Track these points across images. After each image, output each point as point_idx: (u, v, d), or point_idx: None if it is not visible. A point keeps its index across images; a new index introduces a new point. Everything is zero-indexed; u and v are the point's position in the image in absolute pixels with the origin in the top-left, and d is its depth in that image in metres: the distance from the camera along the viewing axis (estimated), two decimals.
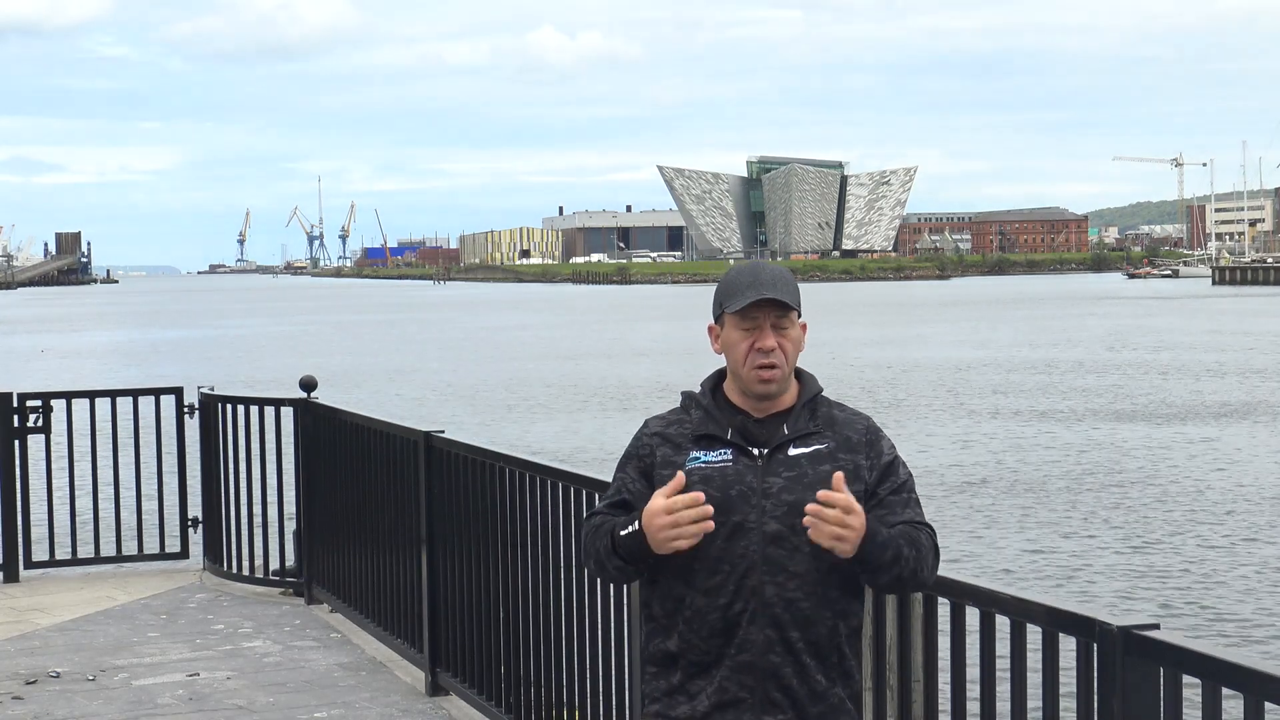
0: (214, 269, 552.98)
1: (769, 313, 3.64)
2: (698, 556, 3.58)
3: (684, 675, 3.64)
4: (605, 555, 3.65)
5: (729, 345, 3.68)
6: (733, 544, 3.57)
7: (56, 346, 69.38)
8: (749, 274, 3.68)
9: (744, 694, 3.58)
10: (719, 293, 3.72)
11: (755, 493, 3.59)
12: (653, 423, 3.77)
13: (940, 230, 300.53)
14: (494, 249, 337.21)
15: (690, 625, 3.62)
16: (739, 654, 3.58)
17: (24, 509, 10.96)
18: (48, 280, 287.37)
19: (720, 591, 3.58)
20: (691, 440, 3.67)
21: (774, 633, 3.57)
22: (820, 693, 3.61)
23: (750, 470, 3.61)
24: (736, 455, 3.62)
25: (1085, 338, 63.15)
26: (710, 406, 3.69)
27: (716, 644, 3.59)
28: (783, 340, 3.65)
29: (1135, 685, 3.54)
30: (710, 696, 3.60)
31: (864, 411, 3.78)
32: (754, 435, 3.64)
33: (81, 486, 11.01)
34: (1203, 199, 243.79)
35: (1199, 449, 27.82)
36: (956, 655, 4.18)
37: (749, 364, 3.64)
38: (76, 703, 7.79)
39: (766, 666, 3.57)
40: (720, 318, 3.71)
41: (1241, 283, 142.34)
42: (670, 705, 3.65)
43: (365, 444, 8.91)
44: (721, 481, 3.59)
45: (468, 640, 7.47)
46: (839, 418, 3.71)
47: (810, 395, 3.71)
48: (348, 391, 38.21)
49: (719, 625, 3.59)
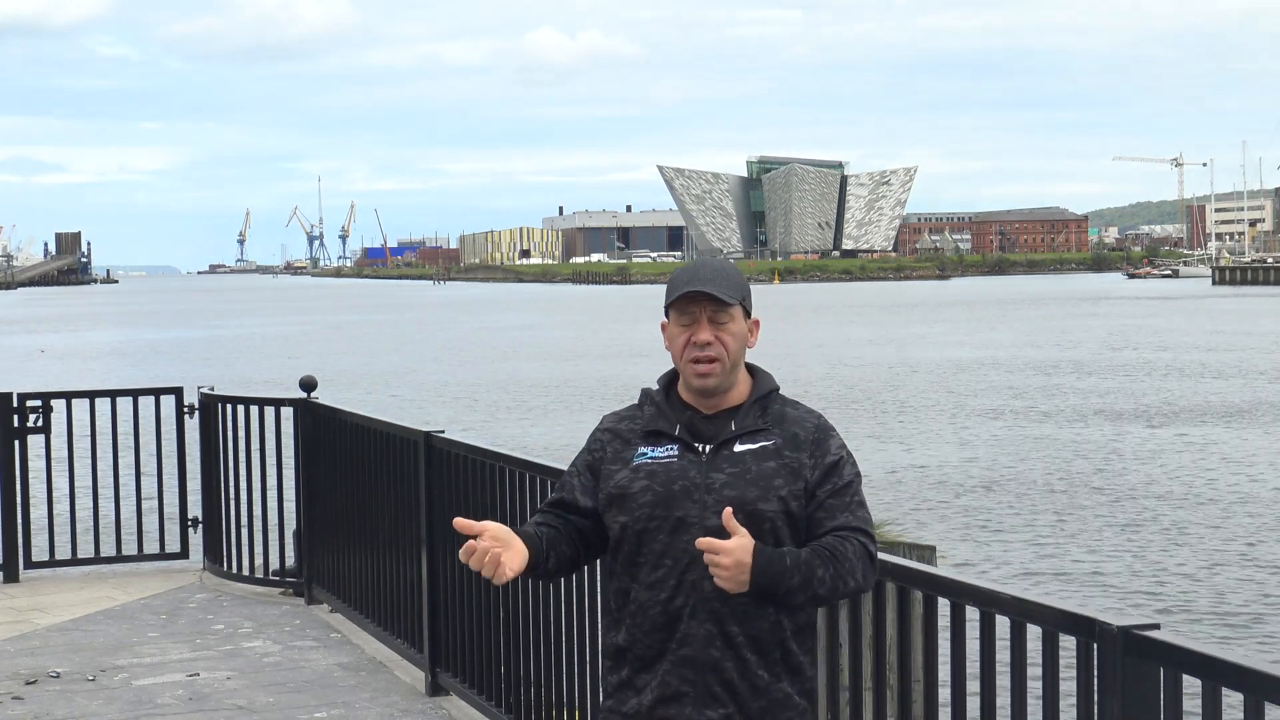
0: (214, 269, 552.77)
1: (704, 306, 3.66)
2: (641, 552, 3.64)
3: (631, 670, 3.68)
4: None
5: (670, 340, 3.73)
6: (675, 539, 3.61)
7: (56, 346, 69.38)
8: (689, 271, 3.72)
9: (686, 688, 3.61)
10: (666, 291, 3.76)
11: (698, 488, 3.62)
12: (608, 419, 3.83)
13: (940, 230, 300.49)
14: (494, 249, 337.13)
15: (635, 620, 3.66)
16: (680, 648, 3.61)
17: (24, 509, 10.96)
18: (48, 280, 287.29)
19: (662, 586, 3.62)
20: (640, 436, 3.71)
21: (714, 627, 3.59)
22: (762, 687, 3.63)
23: (694, 466, 3.64)
24: (682, 451, 3.66)
25: (1086, 338, 63.14)
26: (662, 403, 3.73)
27: (659, 638, 3.63)
28: (721, 334, 3.67)
29: (1135, 685, 3.54)
30: (654, 690, 3.63)
31: (816, 409, 3.81)
32: (701, 431, 3.68)
33: (81, 486, 11.01)
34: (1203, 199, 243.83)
35: (1199, 449, 27.81)
36: (956, 655, 4.18)
37: (685, 358, 3.67)
38: (76, 703, 7.79)
39: (707, 660, 3.60)
40: (668, 314, 3.75)
41: (1241, 283, 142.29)
42: (621, 700, 3.70)
43: (365, 444, 8.91)
44: (665, 477, 3.64)
45: (468, 640, 7.47)
46: (790, 415, 3.72)
47: (763, 392, 3.73)
48: (348, 391, 38.21)
49: (661, 620, 3.62)
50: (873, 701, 4.67)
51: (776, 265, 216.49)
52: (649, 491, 3.63)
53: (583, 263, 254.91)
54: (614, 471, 3.70)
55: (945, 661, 4.25)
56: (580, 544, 3.79)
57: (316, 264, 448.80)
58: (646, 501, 3.63)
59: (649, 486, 3.64)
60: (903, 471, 25.59)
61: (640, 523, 3.64)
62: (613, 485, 3.69)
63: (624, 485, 3.67)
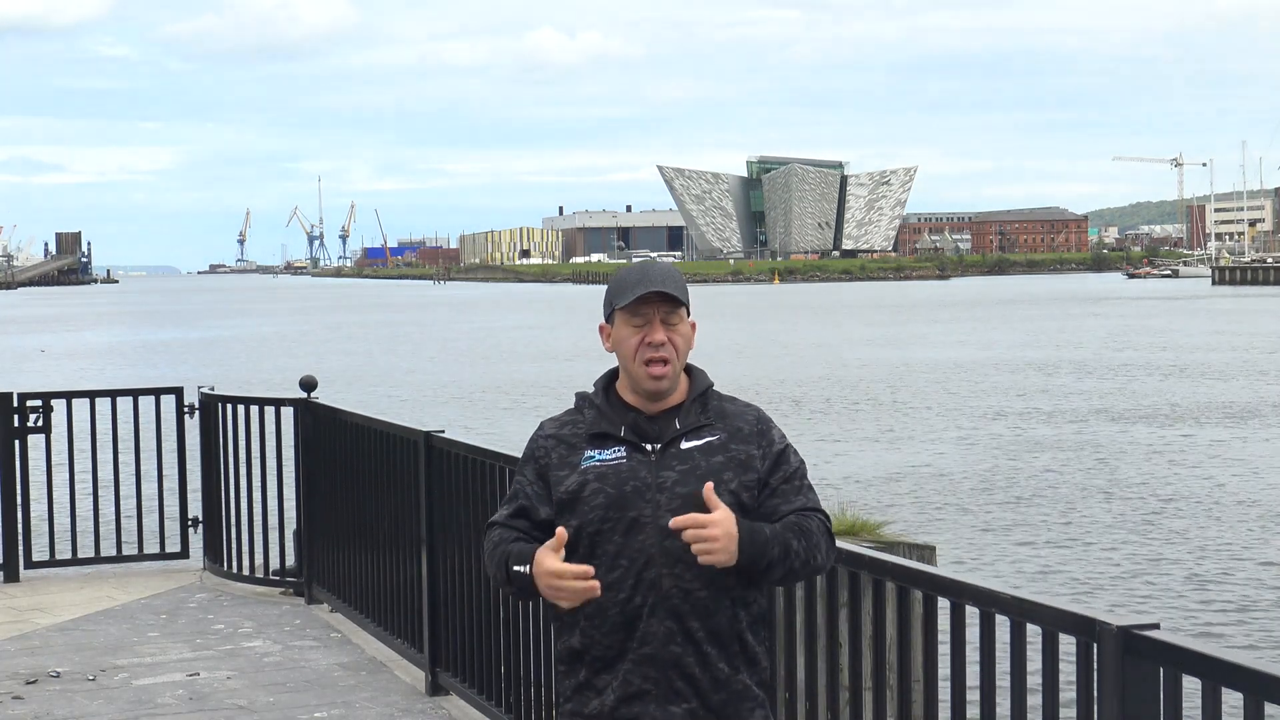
0: (214, 269, 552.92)
1: (658, 308, 3.69)
2: (596, 554, 3.65)
3: (589, 671, 3.70)
4: (501, 581, 3.76)
5: (619, 341, 3.73)
6: (630, 539, 3.63)
7: (56, 346, 69.38)
8: (638, 272, 3.74)
9: (648, 686, 3.64)
10: (609, 292, 3.77)
11: (650, 487, 3.65)
12: (547, 424, 3.84)
13: (940, 230, 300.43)
14: (494, 249, 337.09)
15: (592, 621, 3.68)
16: (641, 647, 3.64)
17: (24, 509, 10.96)
18: (48, 280, 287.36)
19: (619, 586, 3.64)
20: (585, 439, 3.72)
21: (674, 624, 3.63)
22: (723, 680, 3.66)
23: (644, 465, 3.67)
24: (630, 452, 3.69)
25: (1086, 339, 63.14)
26: (603, 405, 3.75)
27: (618, 638, 3.66)
28: (672, 335, 3.70)
29: (1135, 685, 3.54)
30: (616, 690, 3.66)
31: (756, 406, 3.83)
32: (646, 431, 3.70)
33: (81, 486, 11.01)
34: (1203, 199, 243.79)
35: (1200, 449, 27.81)
36: (956, 655, 4.18)
37: (639, 359, 3.70)
38: (76, 703, 7.79)
39: (668, 657, 3.63)
40: (610, 316, 3.76)
41: (1241, 283, 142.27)
42: (581, 702, 3.72)
43: (365, 444, 8.91)
44: (616, 478, 3.66)
45: (468, 640, 7.47)
46: (730, 410, 3.77)
47: (701, 389, 3.77)
48: (348, 391, 38.21)
49: (619, 620, 3.65)
50: (873, 701, 4.67)
51: (776, 265, 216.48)
52: (600, 494, 3.66)
53: (583, 263, 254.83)
54: (563, 477, 3.72)
55: (945, 661, 4.25)
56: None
57: (317, 264, 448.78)
58: (599, 504, 3.66)
59: (600, 489, 3.66)
60: (903, 471, 25.59)
61: (594, 525, 3.66)
62: (563, 490, 3.71)
63: (574, 489, 3.69)
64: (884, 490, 23.40)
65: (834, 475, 24.65)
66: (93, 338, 79.66)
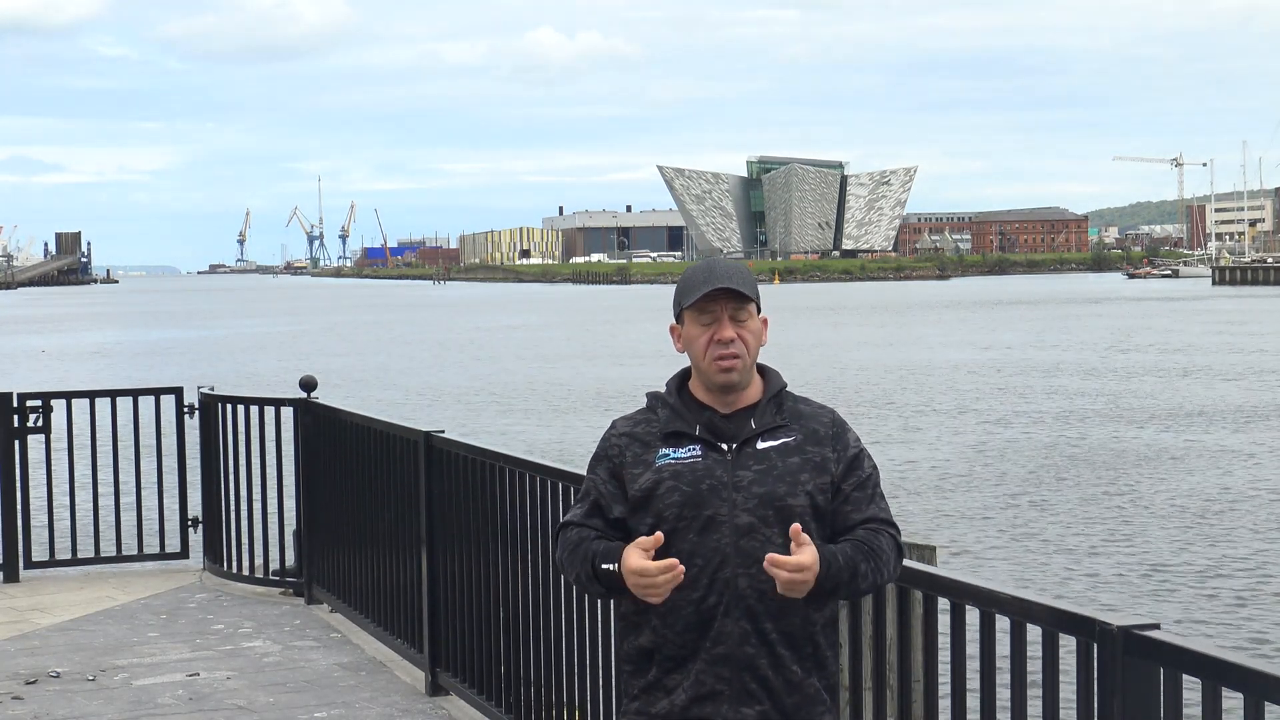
0: (214, 269, 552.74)
1: (725, 304, 3.69)
2: (671, 552, 3.62)
3: (660, 670, 3.67)
4: (587, 580, 3.71)
5: (690, 341, 3.73)
6: (705, 538, 3.61)
7: (56, 346, 69.37)
8: (704, 270, 3.74)
9: (721, 686, 3.62)
10: (677, 292, 3.76)
11: (726, 487, 3.63)
12: (620, 423, 3.81)
13: (940, 230, 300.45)
14: (494, 249, 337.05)
15: (665, 620, 3.65)
16: (714, 647, 3.62)
17: (24, 509, 10.96)
18: (48, 280, 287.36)
19: (694, 585, 3.62)
20: (660, 438, 3.71)
21: (749, 624, 3.61)
22: (796, 683, 3.64)
23: (720, 465, 3.65)
24: (705, 451, 3.67)
25: (1086, 340, 63.13)
26: (677, 404, 3.74)
27: (691, 638, 3.63)
28: (741, 331, 3.70)
29: (1135, 685, 3.54)
30: (687, 690, 3.63)
31: (829, 405, 3.83)
32: (722, 430, 3.69)
33: (81, 486, 11.01)
34: (1203, 199, 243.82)
35: (1200, 450, 27.81)
36: (956, 655, 4.18)
37: (709, 356, 3.69)
38: (76, 703, 7.79)
39: (742, 658, 3.61)
40: (680, 316, 3.76)
41: (1241, 283, 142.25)
42: (649, 701, 3.69)
43: (365, 444, 8.91)
44: (692, 477, 3.64)
45: (468, 640, 7.47)
46: (805, 411, 3.76)
47: (776, 389, 3.76)
48: (347, 391, 38.21)
49: (693, 619, 3.62)
50: (873, 701, 4.67)
51: (776, 265, 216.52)
52: (676, 491, 3.64)
53: (583, 263, 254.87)
54: (637, 475, 3.69)
55: (945, 661, 4.25)
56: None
57: (317, 264, 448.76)
58: (674, 502, 3.64)
59: (676, 487, 3.64)
60: (903, 471, 25.59)
61: (669, 523, 3.63)
62: (638, 488, 3.69)
63: (649, 487, 3.67)
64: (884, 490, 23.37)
65: None
66: (92, 338, 79.64)
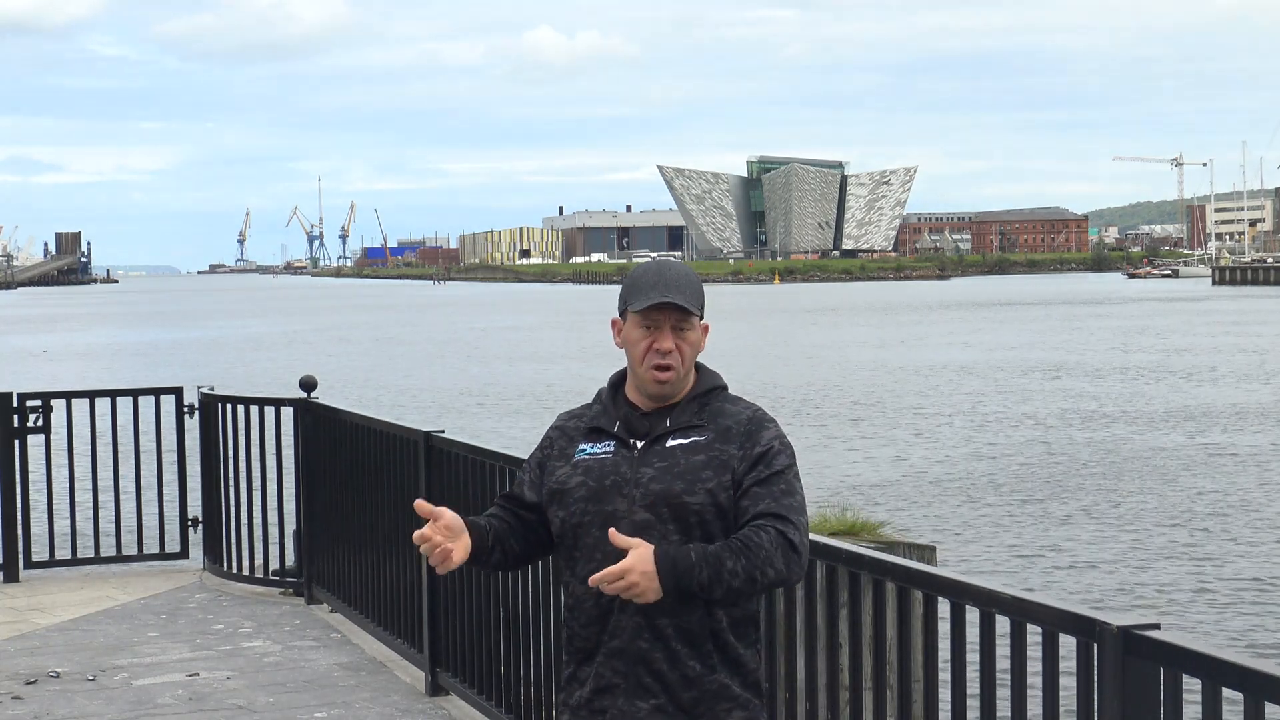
0: (214, 269, 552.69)
1: (670, 315, 3.71)
2: (578, 546, 3.73)
3: (575, 662, 3.78)
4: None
5: (629, 343, 3.76)
6: (605, 533, 3.64)
7: (56, 346, 69.35)
8: (654, 274, 3.74)
9: (618, 679, 3.68)
10: (625, 288, 3.78)
11: (627, 482, 3.69)
12: (561, 416, 3.93)
13: (940, 230, 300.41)
14: (494, 249, 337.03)
15: (573, 614, 3.77)
16: (611, 640, 3.68)
17: (24, 509, 10.96)
18: (48, 280, 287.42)
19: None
20: (583, 433, 3.80)
21: (642, 619, 3.65)
22: (693, 678, 3.66)
23: (625, 461, 3.71)
24: (617, 447, 3.74)
25: (1089, 341, 63.12)
26: (607, 401, 3.82)
27: (594, 631, 3.71)
28: (680, 343, 3.72)
29: (1135, 685, 3.54)
30: (590, 682, 3.72)
31: (757, 410, 3.79)
32: (636, 427, 3.75)
33: (81, 487, 11.01)
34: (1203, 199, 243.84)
35: (1200, 450, 27.81)
36: (956, 655, 4.18)
37: (646, 364, 3.72)
38: (76, 703, 7.79)
39: (635, 652, 3.66)
40: (624, 313, 3.78)
41: (1241, 283, 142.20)
42: (569, 693, 3.80)
43: (365, 444, 8.91)
44: (599, 472, 3.72)
45: (468, 640, 7.47)
46: (727, 410, 3.76)
47: (705, 389, 3.78)
48: (347, 391, 38.20)
49: (595, 613, 3.71)
50: (873, 701, 4.67)
51: (776, 265, 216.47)
52: (583, 487, 3.72)
53: (583, 262, 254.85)
54: (557, 468, 3.80)
55: (945, 661, 4.25)
56: (529, 539, 3.88)
57: (316, 264, 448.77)
58: (581, 496, 3.72)
59: (584, 482, 3.72)
60: (903, 472, 25.60)
61: (575, 517, 3.72)
62: (554, 481, 3.79)
63: (563, 481, 3.76)
64: (884, 491, 23.40)
65: (834, 476, 24.67)
66: (92, 338, 79.64)
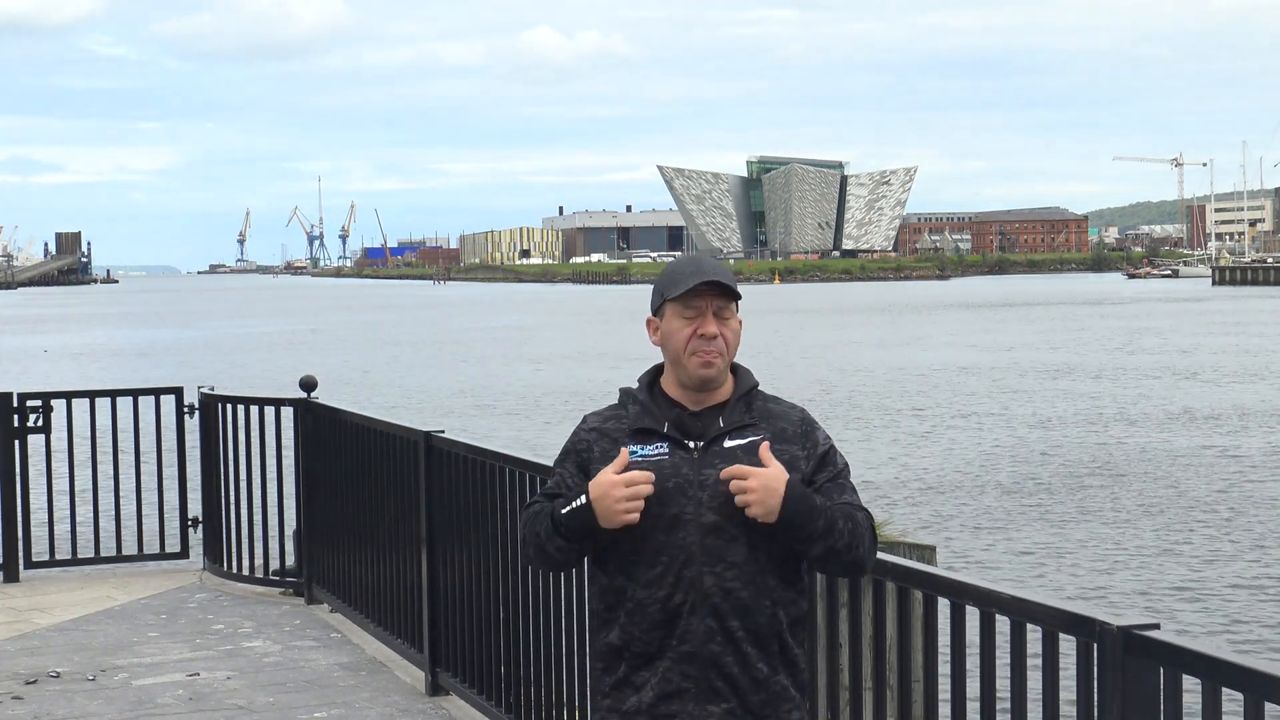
0: (214, 269, 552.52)
1: (711, 300, 3.68)
2: (637, 549, 3.64)
3: (629, 668, 3.69)
4: (546, 537, 3.70)
5: (669, 334, 3.71)
6: (671, 536, 3.62)
7: (56, 346, 69.35)
8: (691, 264, 3.74)
9: (687, 684, 3.63)
10: (659, 284, 3.76)
11: (691, 484, 3.64)
12: (590, 418, 3.82)
13: (940, 230, 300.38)
14: (494, 249, 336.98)
15: (632, 618, 3.67)
16: (680, 644, 3.63)
17: (24, 509, 10.95)
18: (48, 280, 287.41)
19: (660, 583, 3.63)
20: (629, 434, 3.71)
21: (714, 622, 3.62)
22: (761, 681, 3.65)
23: (686, 462, 3.66)
24: (673, 448, 3.67)
25: (1090, 341, 63.12)
26: (647, 401, 3.74)
27: (658, 635, 3.65)
28: (724, 329, 3.69)
29: (1135, 685, 3.54)
30: (655, 687, 3.65)
31: (799, 405, 3.82)
32: (689, 428, 3.69)
33: (81, 486, 11.00)
34: (1203, 199, 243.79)
35: (1201, 451, 27.81)
36: (956, 655, 4.18)
37: (690, 350, 3.67)
38: (76, 703, 7.79)
39: (708, 656, 3.62)
40: (660, 309, 3.74)
41: (1242, 283, 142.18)
42: (619, 699, 3.71)
43: (365, 444, 8.90)
44: (658, 474, 3.64)
45: (468, 640, 7.47)
46: (774, 410, 3.75)
47: (746, 388, 3.75)
48: (351, 391, 38.20)
49: (659, 617, 3.64)
50: (873, 701, 4.67)
51: (776, 265, 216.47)
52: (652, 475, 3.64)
53: (583, 263, 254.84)
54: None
55: (945, 661, 4.25)
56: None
57: (317, 264, 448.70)
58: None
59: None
60: (903, 472, 25.60)
61: (635, 521, 3.64)
62: None
63: None
64: (884, 491, 23.40)
65: None
66: (92, 338, 79.64)
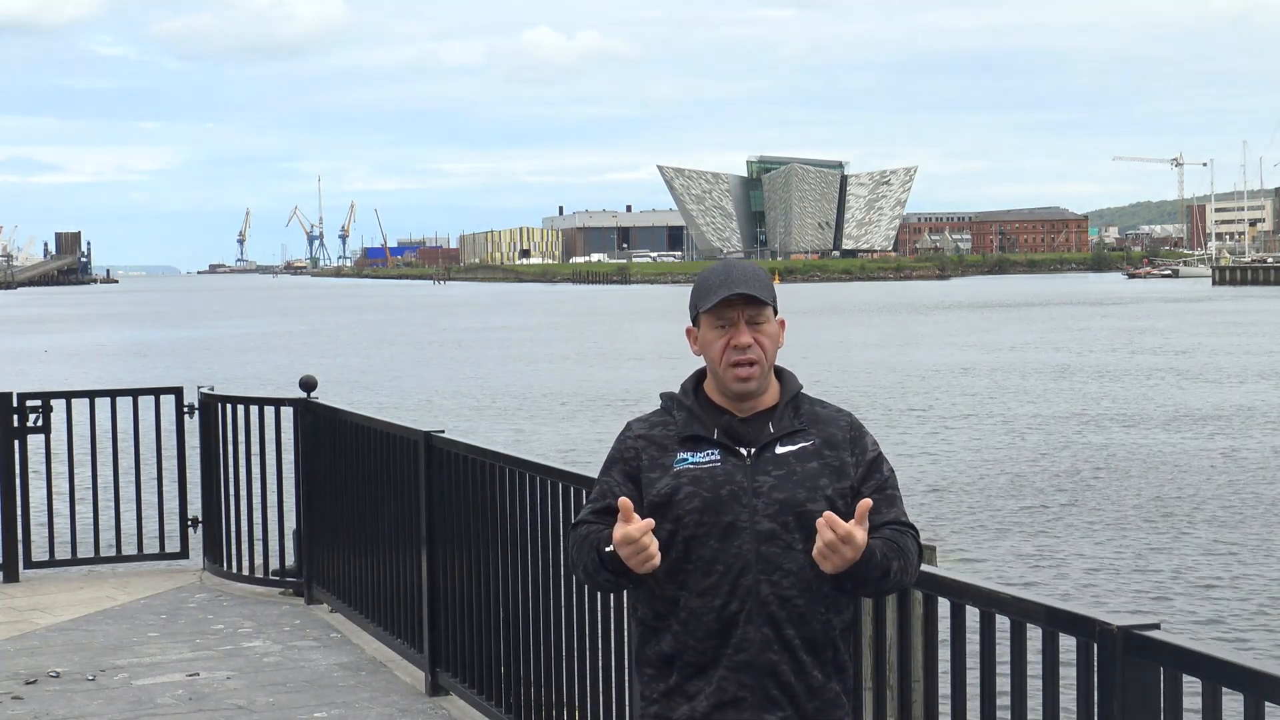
0: (214, 269, 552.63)
1: (742, 310, 3.63)
2: (690, 559, 3.59)
3: (681, 676, 3.64)
4: (594, 569, 3.63)
5: (706, 345, 3.67)
6: (726, 544, 3.57)
7: (56, 346, 69.35)
8: (720, 273, 3.68)
9: (743, 693, 3.59)
10: (693, 295, 3.72)
11: (746, 492, 3.59)
12: (636, 425, 3.75)
13: (940, 230, 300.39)
14: (494, 249, 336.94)
15: (686, 627, 3.62)
16: (736, 653, 3.58)
17: (24, 509, 10.96)
18: (48, 280, 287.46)
19: (715, 592, 3.59)
20: (678, 441, 3.65)
21: (771, 631, 3.58)
22: (817, 688, 3.63)
23: (739, 470, 3.61)
24: (724, 455, 3.62)
25: (1090, 341, 63.13)
26: (694, 407, 3.68)
27: (713, 644, 3.60)
28: (759, 336, 3.64)
29: (1135, 685, 3.54)
30: (709, 697, 3.60)
31: (846, 408, 3.80)
32: (740, 434, 3.64)
33: (81, 486, 11.01)
34: (1203, 199, 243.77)
35: (1201, 451, 27.81)
36: (956, 655, 4.18)
37: (725, 362, 3.63)
38: (76, 703, 7.79)
39: (765, 664, 3.58)
40: (696, 319, 3.71)
41: (1242, 283, 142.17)
42: (669, 706, 3.66)
43: (365, 444, 8.91)
44: (711, 482, 3.59)
45: (468, 640, 7.47)
46: (822, 414, 3.72)
47: (792, 393, 3.71)
48: (347, 392, 38.19)
49: (715, 626, 3.59)
50: (873, 701, 4.67)
51: (777, 265, 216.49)
52: (696, 497, 3.59)
53: (583, 263, 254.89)
54: (654, 479, 3.63)
55: (945, 661, 4.25)
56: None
57: (316, 264, 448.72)
58: (694, 507, 3.59)
59: (695, 492, 3.59)
60: (903, 472, 25.58)
61: (689, 529, 3.59)
62: (655, 493, 3.62)
63: (667, 492, 3.61)
64: None
65: None
66: (92, 338, 79.62)
